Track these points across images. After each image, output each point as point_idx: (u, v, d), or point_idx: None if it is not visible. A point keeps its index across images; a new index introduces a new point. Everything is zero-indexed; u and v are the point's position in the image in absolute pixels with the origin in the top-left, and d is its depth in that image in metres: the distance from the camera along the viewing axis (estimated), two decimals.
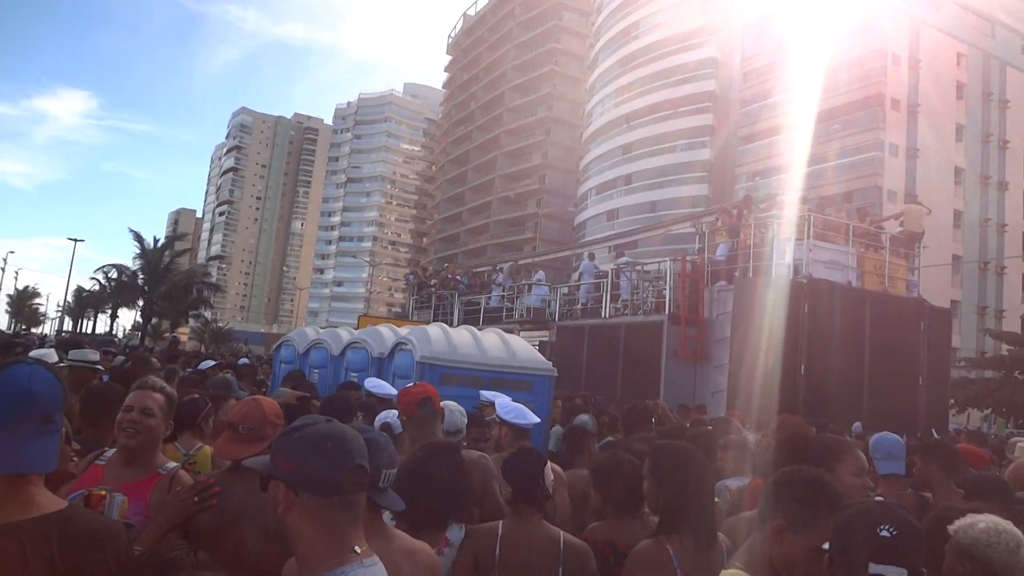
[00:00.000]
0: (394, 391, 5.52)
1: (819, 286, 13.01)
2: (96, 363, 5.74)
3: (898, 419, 12.36)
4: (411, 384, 4.05)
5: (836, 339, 12.99)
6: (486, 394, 5.94)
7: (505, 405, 4.78)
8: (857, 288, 13.96)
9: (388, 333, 8.39)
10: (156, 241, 45.54)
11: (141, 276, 44.37)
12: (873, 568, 1.83)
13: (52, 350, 6.11)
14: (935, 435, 9.15)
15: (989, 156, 47.30)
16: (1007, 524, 2.35)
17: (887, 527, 1.85)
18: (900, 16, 43.66)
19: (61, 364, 5.51)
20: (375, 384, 5.89)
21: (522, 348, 7.71)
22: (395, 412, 4.78)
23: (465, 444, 4.21)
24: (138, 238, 44.23)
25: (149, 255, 43.83)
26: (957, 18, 47.25)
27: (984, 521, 2.36)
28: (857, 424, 9.24)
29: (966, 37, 47.30)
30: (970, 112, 46.89)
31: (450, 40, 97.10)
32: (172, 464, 2.94)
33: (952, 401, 24.30)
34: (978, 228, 46.18)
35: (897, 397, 13.56)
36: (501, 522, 2.90)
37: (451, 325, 19.29)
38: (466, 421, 4.38)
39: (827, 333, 12.85)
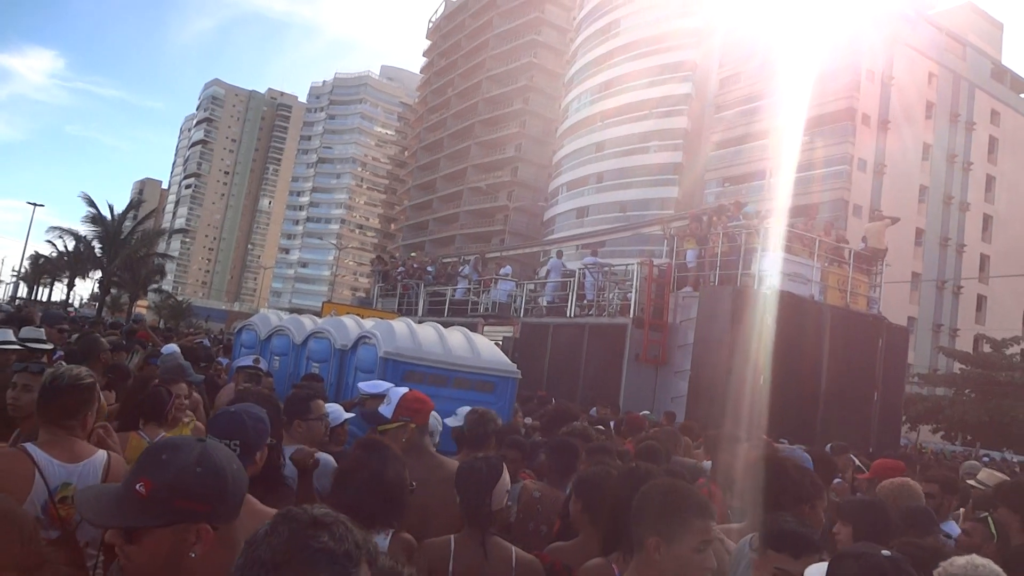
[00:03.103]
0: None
1: (783, 298, 13.15)
2: (9, 343, 5.54)
3: (852, 433, 12.58)
4: (410, 390, 3.98)
5: (796, 351, 13.16)
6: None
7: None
8: (819, 302, 14.15)
9: (352, 325, 8.27)
10: (111, 209, 42.93)
11: (98, 246, 42.33)
12: None
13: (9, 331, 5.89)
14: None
15: (953, 176, 48.12)
16: (985, 560, 2.37)
17: None
18: (877, 32, 44.16)
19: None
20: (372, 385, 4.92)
21: (486, 348, 7.65)
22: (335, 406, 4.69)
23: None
24: (90, 202, 41.67)
25: (106, 223, 41.79)
26: (932, 38, 48.00)
27: (963, 559, 2.38)
28: (828, 447, 9.24)
29: (939, 57, 48.07)
30: (937, 132, 47.65)
31: (430, 24, 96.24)
32: None
33: (904, 417, 24.80)
34: (938, 247, 47.09)
35: (852, 411, 13.81)
36: (453, 536, 2.86)
37: (416, 315, 19.18)
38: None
39: (788, 345, 12.99)
